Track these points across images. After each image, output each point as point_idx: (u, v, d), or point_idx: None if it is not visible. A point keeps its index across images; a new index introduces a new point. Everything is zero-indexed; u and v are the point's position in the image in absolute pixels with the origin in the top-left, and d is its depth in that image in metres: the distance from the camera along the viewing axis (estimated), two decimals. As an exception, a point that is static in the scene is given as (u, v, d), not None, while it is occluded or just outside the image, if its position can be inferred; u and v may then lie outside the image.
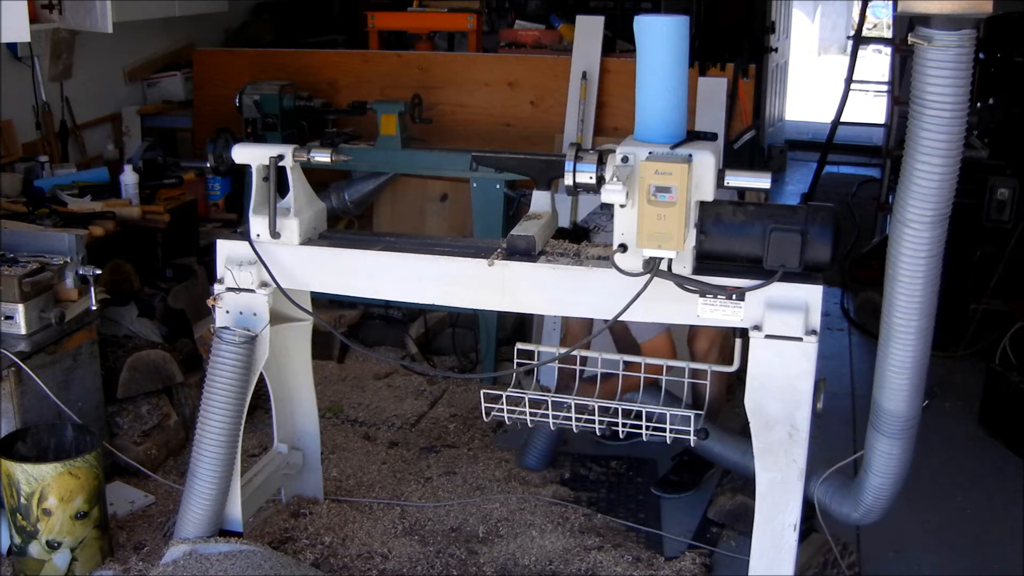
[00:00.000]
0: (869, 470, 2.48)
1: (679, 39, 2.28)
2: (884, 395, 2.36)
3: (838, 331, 5.19)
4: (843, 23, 18.04)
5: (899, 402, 2.34)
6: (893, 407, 2.35)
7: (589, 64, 5.05)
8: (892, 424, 2.38)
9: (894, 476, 2.46)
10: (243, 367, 2.68)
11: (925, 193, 2.12)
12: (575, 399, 2.88)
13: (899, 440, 2.40)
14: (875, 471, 2.47)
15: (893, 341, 2.29)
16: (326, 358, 4.50)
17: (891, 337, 2.29)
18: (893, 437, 2.39)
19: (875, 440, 2.43)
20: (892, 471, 2.45)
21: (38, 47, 4.69)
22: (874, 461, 2.46)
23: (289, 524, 3.16)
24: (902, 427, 2.38)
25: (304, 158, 2.70)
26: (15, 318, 3.00)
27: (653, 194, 2.19)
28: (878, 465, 2.45)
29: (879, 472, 2.46)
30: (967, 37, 2.02)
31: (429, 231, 5.09)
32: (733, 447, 3.06)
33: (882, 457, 2.43)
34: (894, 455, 2.42)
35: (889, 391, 2.34)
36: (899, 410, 2.35)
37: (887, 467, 2.44)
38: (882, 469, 2.45)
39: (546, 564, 3.01)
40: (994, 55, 5.22)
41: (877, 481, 2.48)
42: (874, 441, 2.44)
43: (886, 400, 2.36)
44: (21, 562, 2.85)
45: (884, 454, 2.43)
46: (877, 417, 2.40)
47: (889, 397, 2.35)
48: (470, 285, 2.57)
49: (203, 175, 4.89)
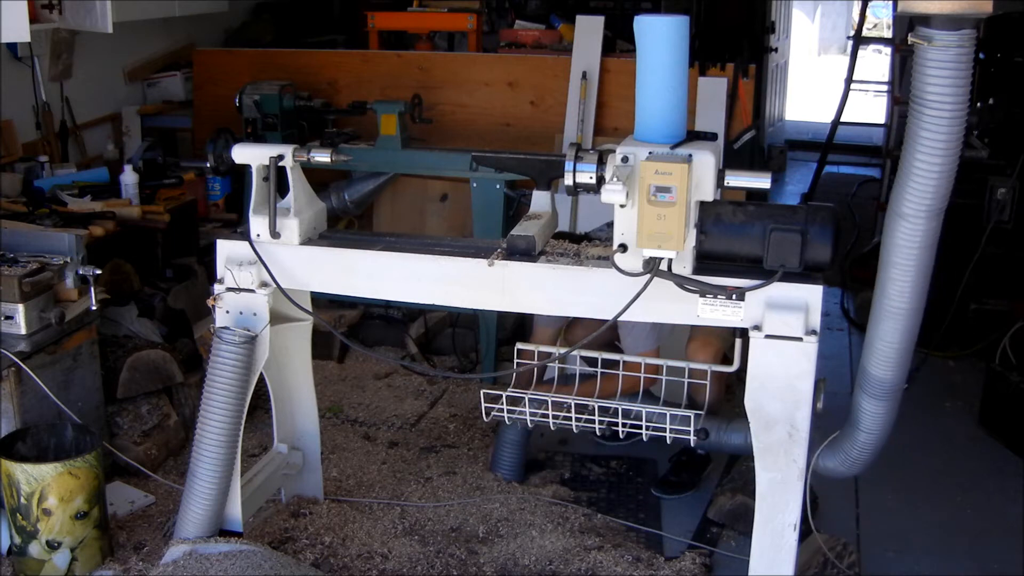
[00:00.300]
0: (857, 426, 2.55)
1: (679, 39, 2.28)
2: (873, 363, 2.42)
3: (838, 331, 5.19)
4: (843, 23, 18.04)
5: (887, 370, 2.41)
6: (881, 374, 2.42)
7: (589, 64, 5.05)
8: (879, 388, 2.44)
9: (879, 432, 2.53)
10: (243, 367, 2.68)
11: (923, 190, 2.14)
12: (575, 399, 2.89)
13: (885, 401, 2.47)
14: (862, 427, 2.53)
15: (885, 320, 2.34)
16: (326, 358, 4.50)
17: (882, 316, 2.34)
18: (880, 399, 2.46)
19: (862, 400, 2.50)
20: (878, 427, 2.52)
21: (38, 47, 4.69)
22: (861, 419, 2.52)
23: (289, 524, 3.16)
24: (888, 390, 2.44)
25: (304, 158, 2.70)
26: (15, 318, 3.00)
27: (653, 194, 2.19)
28: (865, 422, 2.52)
29: (866, 428, 2.53)
30: (967, 37, 2.03)
31: (429, 231, 5.09)
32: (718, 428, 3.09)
33: (868, 415, 2.50)
34: (879, 414, 2.49)
35: (878, 360, 2.40)
36: (887, 376, 2.42)
37: (873, 424, 2.51)
38: (868, 425, 2.52)
39: (546, 564, 3.01)
40: (994, 55, 5.22)
41: (863, 437, 2.55)
42: (861, 401, 2.50)
43: (874, 368, 2.42)
44: (21, 562, 2.85)
45: (870, 413, 2.50)
46: (865, 381, 2.46)
47: (877, 366, 2.41)
48: (470, 285, 2.57)
49: (203, 175, 4.89)
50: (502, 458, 3.54)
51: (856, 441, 2.56)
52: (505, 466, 3.53)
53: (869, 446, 2.56)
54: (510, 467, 3.54)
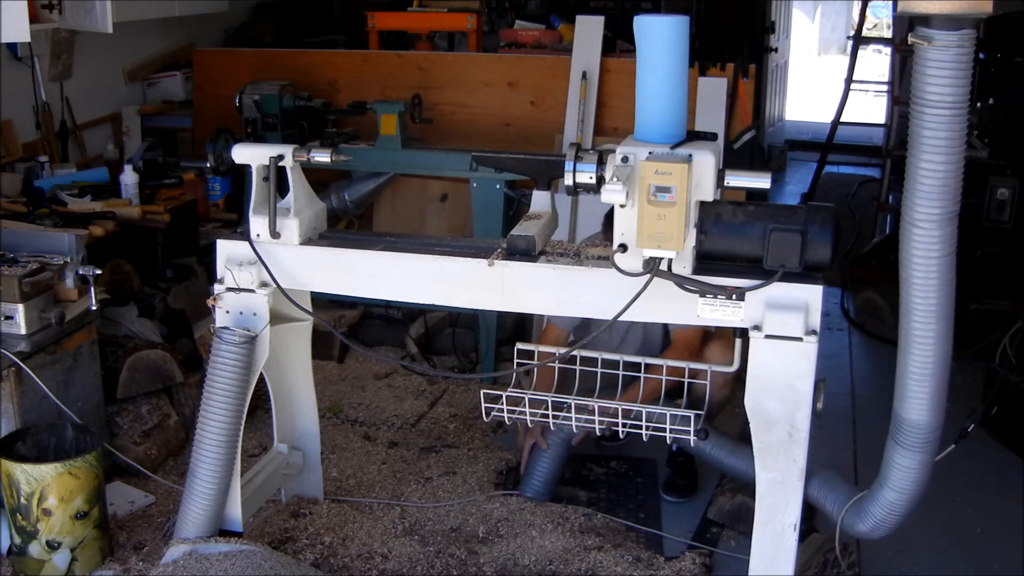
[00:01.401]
0: (885, 483, 2.41)
1: (679, 39, 2.28)
2: (904, 405, 2.29)
3: (838, 331, 5.19)
4: (843, 23, 18.04)
5: (920, 412, 2.28)
6: (914, 417, 2.29)
7: (589, 64, 5.05)
8: (912, 436, 2.31)
9: (910, 492, 2.39)
10: (243, 367, 2.68)
11: (930, 193, 2.11)
12: (575, 399, 2.88)
13: (919, 453, 2.33)
14: (891, 485, 2.40)
15: (912, 348, 2.23)
16: (326, 358, 4.50)
17: (910, 344, 2.23)
18: (913, 450, 2.33)
19: (894, 452, 2.36)
20: (909, 486, 2.38)
21: (38, 47, 4.69)
22: (892, 475, 2.39)
23: (289, 524, 3.16)
24: (923, 439, 2.31)
25: (304, 158, 2.70)
26: (15, 318, 3.00)
27: (653, 194, 2.19)
28: (896, 479, 2.38)
29: (895, 487, 2.39)
30: (967, 37, 2.02)
31: (429, 231, 5.09)
32: (723, 448, 3.06)
33: (900, 471, 2.37)
34: (912, 469, 2.35)
35: (910, 400, 2.28)
36: (920, 421, 2.29)
37: (904, 481, 2.38)
38: (899, 483, 2.39)
39: (546, 564, 3.01)
40: (994, 55, 5.22)
41: (892, 496, 2.41)
42: (893, 453, 2.37)
43: (906, 410, 2.29)
44: (21, 562, 2.85)
45: (902, 468, 2.36)
46: (897, 429, 2.34)
47: (910, 407, 2.29)
48: (470, 285, 2.56)
49: (203, 175, 4.89)
50: (534, 481, 3.38)
51: (884, 501, 2.42)
52: (535, 488, 3.38)
53: (898, 507, 2.41)
54: (540, 488, 3.39)
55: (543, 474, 3.37)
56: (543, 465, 3.37)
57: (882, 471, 2.43)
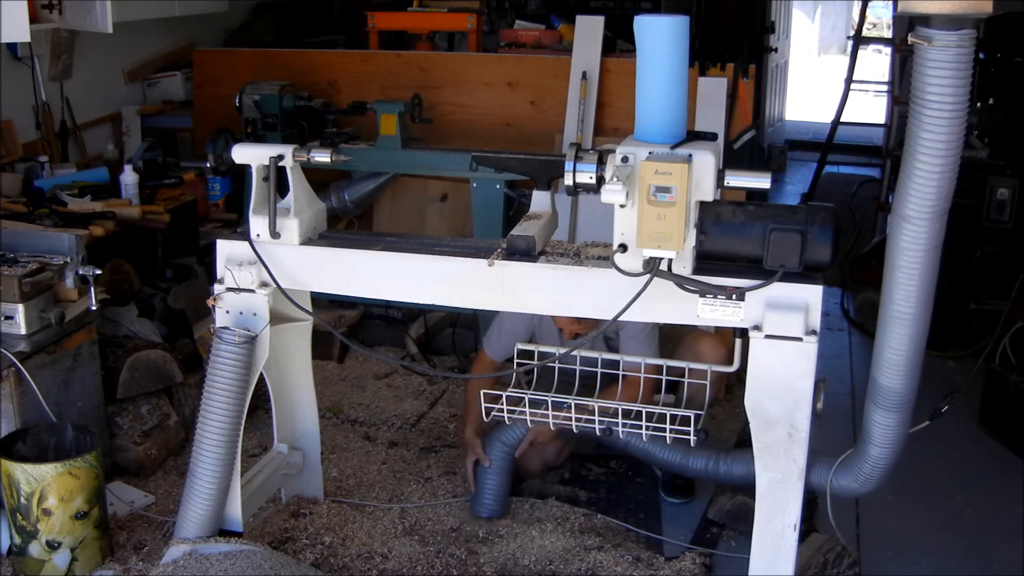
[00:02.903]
0: (868, 440, 2.51)
1: (679, 39, 2.28)
2: (882, 372, 2.39)
3: (838, 331, 5.19)
4: (843, 23, 18.04)
5: (896, 380, 2.38)
6: (890, 384, 2.39)
7: (589, 64, 5.05)
8: (890, 399, 2.41)
9: (892, 446, 2.50)
10: (243, 367, 2.68)
11: (924, 191, 2.13)
12: (575, 399, 2.88)
13: (896, 413, 2.43)
14: (874, 441, 2.50)
15: (892, 326, 2.31)
16: (326, 358, 4.50)
17: (889, 322, 2.31)
18: (890, 410, 2.43)
19: (873, 413, 2.47)
20: (890, 441, 2.48)
21: (38, 47, 4.69)
22: (873, 432, 2.49)
23: (289, 524, 3.16)
24: (899, 401, 2.41)
25: (304, 158, 2.70)
26: (15, 318, 3.00)
27: (653, 194, 2.19)
28: (877, 436, 2.49)
29: (878, 442, 2.50)
30: (967, 37, 2.02)
31: (429, 231, 5.09)
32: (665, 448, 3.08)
33: (879, 428, 2.47)
34: (891, 426, 2.46)
35: (887, 369, 2.38)
36: (896, 386, 2.39)
37: (884, 437, 2.48)
38: (880, 439, 2.49)
39: (546, 564, 3.01)
40: (994, 55, 5.22)
41: (876, 451, 2.51)
42: (872, 414, 2.47)
43: (884, 377, 2.39)
44: (21, 562, 2.85)
45: (881, 425, 2.46)
46: (875, 391, 2.43)
47: (886, 375, 2.38)
48: (470, 285, 2.56)
49: (203, 175, 4.89)
50: (485, 499, 3.29)
51: (869, 456, 2.53)
52: (487, 506, 3.30)
53: (883, 460, 2.52)
54: (492, 505, 3.30)
55: (492, 490, 3.28)
56: (490, 481, 3.28)
57: (864, 431, 2.53)
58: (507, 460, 3.31)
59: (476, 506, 3.31)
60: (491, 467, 3.28)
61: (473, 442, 3.34)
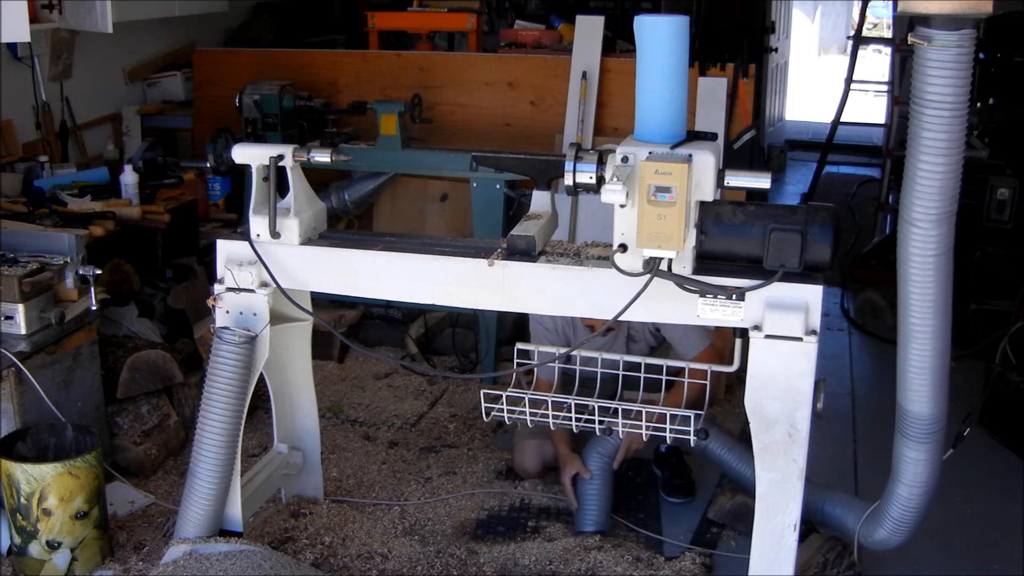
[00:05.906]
0: (897, 479, 2.47)
1: (679, 39, 2.28)
2: (907, 398, 2.35)
3: (838, 331, 5.19)
4: (843, 23, 18.05)
5: (922, 404, 2.34)
6: (917, 409, 2.35)
7: (589, 64, 5.05)
8: (918, 427, 2.37)
9: (922, 485, 2.45)
10: (243, 367, 2.68)
11: (929, 192, 2.13)
12: (575, 399, 2.88)
13: (926, 444, 2.39)
14: (903, 480, 2.45)
15: (911, 342, 2.28)
16: (326, 358, 4.50)
17: (908, 338, 2.28)
18: (920, 441, 2.39)
19: (902, 446, 2.42)
20: (920, 479, 2.44)
21: (38, 47, 4.69)
22: (902, 469, 2.44)
23: (289, 524, 3.16)
24: (928, 430, 2.37)
25: (304, 158, 2.70)
26: (15, 318, 3.00)
27: (653, 194, 2.19)
28: (907, 473, 2.44)
29: (907, 481, 2.45)
30: (967, 37, 2.02)
31: (429, 231, 5.09)
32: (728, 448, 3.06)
33: (909, 463, 2.42)
34: (921, 461, 2.41)
35: (911, 393, 2.34)
36: (924, 412, 2.35)
37: (915, 474, 2.43)
38: (910, 477, 2.44)
39: (546, 564, 3.01)
40: (994, 55, 5.23)
41: (905, 491, 2.47)
42: (902, 448, 2.43)
43: (909, 403, 2.35)
44: (21, 562, 2.85)
45: (911, 460, 2.41)
46: (903, 422, 2.40)
47: (912, 399, 2.34)
48: (470, 285, 2.56)
49: (203, 175, 4.89)
50: (589, 513, 3.22)
51: (898, 498, 2.47)
52: (593, 520, 3.22)
53: (913, 503, 2.46)
54: (598, 518, 3.23)
55: (596, 503, 3.21)
56: (592, 494, 3.22)
57: (893, 469, 2.47)
58: (607, 472, 3.25)
59: (581, 522, 3.21)
60: (592, 479, 3.22)
61: (571, 457, 3.28)
